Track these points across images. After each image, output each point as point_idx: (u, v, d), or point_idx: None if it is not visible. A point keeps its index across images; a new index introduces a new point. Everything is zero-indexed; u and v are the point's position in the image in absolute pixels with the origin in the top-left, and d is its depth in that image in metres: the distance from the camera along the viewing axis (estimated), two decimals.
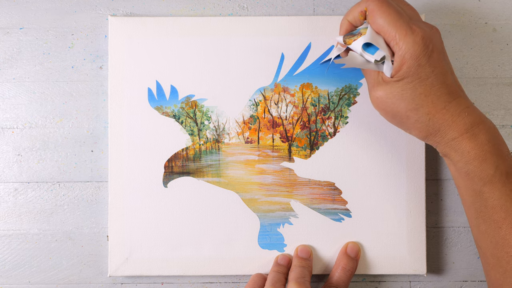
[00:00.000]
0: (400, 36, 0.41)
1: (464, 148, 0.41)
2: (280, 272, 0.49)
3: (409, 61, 0.41)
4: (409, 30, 0.41)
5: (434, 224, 0.53)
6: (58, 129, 0.53)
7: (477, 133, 0.41)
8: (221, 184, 0.52)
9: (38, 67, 0.53)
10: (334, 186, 0.52)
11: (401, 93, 0.42)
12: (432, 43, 0.41)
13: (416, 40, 0.41)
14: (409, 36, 0.41)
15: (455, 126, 0.41)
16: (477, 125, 0.41)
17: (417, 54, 0.41)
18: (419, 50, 0.41)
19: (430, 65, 0.41)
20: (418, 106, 0.41)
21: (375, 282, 0.53)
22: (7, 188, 0.52)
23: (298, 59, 0.51)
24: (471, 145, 0.41)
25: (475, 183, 0.42)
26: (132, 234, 0.51)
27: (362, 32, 0.43)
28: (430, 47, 0.41)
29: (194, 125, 0.52)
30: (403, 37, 0.41)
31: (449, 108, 0.41)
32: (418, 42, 0.40)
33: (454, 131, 0.41)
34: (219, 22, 0.52)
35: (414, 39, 0.41)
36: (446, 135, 0.42)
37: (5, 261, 0.52)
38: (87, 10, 0.53)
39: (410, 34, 0.41)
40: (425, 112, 0.41)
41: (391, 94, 0.42)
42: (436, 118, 0.41)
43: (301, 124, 0.52)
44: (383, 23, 0.42)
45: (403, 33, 0.41)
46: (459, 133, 0.41)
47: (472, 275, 0.53)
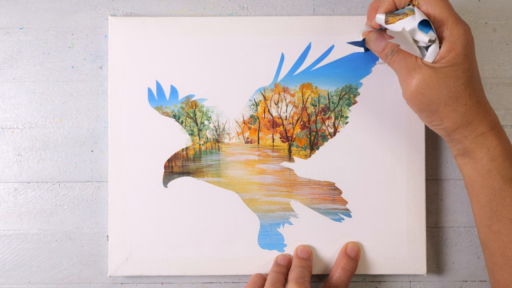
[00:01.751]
0: (453, 22, 0.41)
1: (490, 144, 0.42)
2: (279, 272, 0.49)
3: (459, 48, 0.41)
4: (460, 19, 0.42)
5: (434, 224, 0.53)
6: (58, 129, 0.53)
7: (501, 130, 0.43)
8: (221, 184, 0.52)
9: (38, 67, 0.53)
10: (334, 186, 0.52)
11: (444, 79, 0.42)
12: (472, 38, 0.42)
13: (466, 30, 0.41)
14: (461, 25, 0.41)
15: (485, 121, 0.42)
16: (498, 123, 0.43)
17: (466, 43, 0.41)
18: (467, 40, 0.41)
19: (473, 58, 0.42)
20: (458, 95, 0.42)
21: (375, 282, 0.53)
22: (7, 188, 0.52)
23: (298, 59, 0.52)
24: (497, 142, 0.42)
25: (496, 181, 0.42)
26: (132, 234, 0.51)
27: (408, 13, 0.42)
28: (471, 40, 0.42)
29: (194, 125, 0.52)
30: (456, 24, 0.41)
31: (481, 103, 0.42)
32: (468, 33, 0.42)
33: (484, 126, 0.42)
34: (219, 22, 0.52)
35: (465, 28, 0.41)
36: (476, 128, 0.42)
37: (5, 261, 0.52)
38: (87, 10, 0.53)
39: (461, 23, 0.42)
40: (463, 103, 0.42)
41: (434, 79, 0.42)
42: (471, 111, 0.42)
43: (301, 124, 0.52)
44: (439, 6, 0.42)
45: (455, 21, 0.41)
46: (488, 128, 0.42)
47: (472, 275, 0.53)
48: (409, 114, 0.51)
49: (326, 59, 0.51)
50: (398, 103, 0.51)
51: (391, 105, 0.51)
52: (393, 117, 0.51)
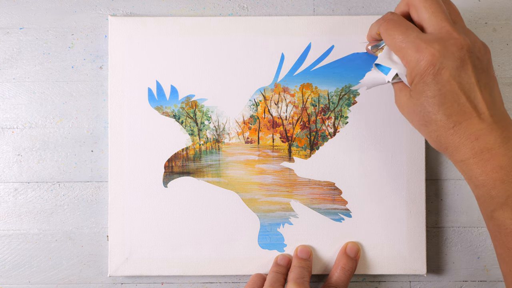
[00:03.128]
0: (406, 53, 0.40)
1: (471, 172, 0.40)
2: (279, 272, 0.49)
3: (415, 78, 0.40)
4: (414, 47, 0.40)
5: (434, 224, 0.53)
6: (58, 129, 0.53)
7: (487, 158, 0.39)
8: (221, 184, 0.52)
9: (38, 67, 0.53)
10: (334, 186, 0.52)
11: (413, 107, 0.41)
12: (441, 61, 0.39)
13: (420, 58, 0.39)
14: (414, 54, 0.40)
15: (462, 149, 0.39)
16: (488, 150, 0.39)
17: (421, 72, 0.40)
18: (422, 68, 0.39)
19: (437, 83, 0.39)
20: (427, 122, 0.40)
21: (375, 282, 0.53)
22: (7, 188, 0.52)
23: (298, 59, 0.52)
24: (479, 171, 0.39)
25: (486, 208, 0.40)
26: (132, 234, 0.51)
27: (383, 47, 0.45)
28: (437, 65, 0.39)
29: (194, 125, 0.52)
30: (408, 54, 0.40)
31: (458, 129, 0.39)
32: (422, 61, 0.39)
33: (461, 153, 0.40)
34: (219, 22, 0.52)
35: (418, 57, 0.39)
36: (453, 155, 0.40)
37: (5, 261, 0.52)
38: (87, 10, 0.53)
39: (416, 51, 0.40)
40: (434, 130, 0.40)
41: (407, 106, 0.42)
42: (443, 138, 0.40)
43: (301, 124, 0.52)
44: (392, 43, 0.42)
45: (408, 51, 0.40)
46: (465, 156, 0.39)
47: (472, 275, 0.53)
48: None
49: (326, 59, 0.51)
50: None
51: (391, 105, 0.51)
52: (393, 117, 0.51)
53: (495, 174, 0.39)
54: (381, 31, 0.43)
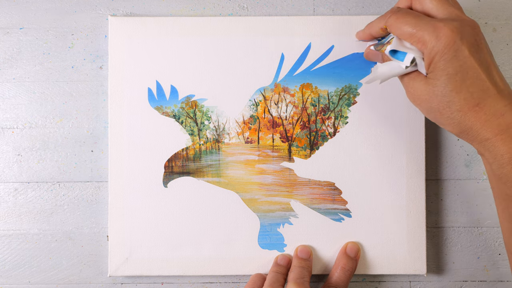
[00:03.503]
0: (423, 35, 0.40)
1: (497, 151, 0.39)
2: (279, 272, 0.49)
3: (436, 56, 0.40)
4: (431, 27, 0.40)
5: (434, 224, 0.53)
6: (58, 129, 0.53)
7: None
8: (221, 184, 0.52)
9: (38, 67, 0.53)
10: (334, 186, 0.52)
11: (432, 89, 0.41)
12: (460, 37, 0.39)
13: (439, 35, 0.39)
14: (432, 33, 0.40)
15: (488, 126, 0.39)
16: None
17: (442, 49, 0.39)
18: (443, 45, 0.39)
19: (458, 59, 0.39)
20: (449, 102, 0.40)
21: (375, 282, 0.53)
22: (7, 188, 0.52)
23: (298, 59, 0.52)
24: (505, 148, 0.38)
25: (508, 188, 0.40)
26: (132, 234, 0.51)
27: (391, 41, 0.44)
28: (457, 41, 0.39)
29: (194, 125, 0.52)
30: (426, 35, 0.40)
31: (483, 106, 0.39)
32: (442, 38, 0.39)
33: (487, 131, 0.39)
34: (219, 22, 0.52)
35: (437, 35, 0.39)
36: (479, 134, 0.40)
37: (5, 261, 0.52)
38: (87, 10, 0.53)
39: (432, 31, 0.40)
40: (457, 109, 0.40)
41: (425, 91, 0.41)
42: (468, 116, 0.39)
43: (301, 124, 0.52)
44: (406, 29, 0.41)
45: (425, 32, 0.40)
46: (492, 133, 0.39)
47: (472, 275, 0.53)
48: (409, 114, 0.51)
49: (326, 59, 0.51)
50: (398, 103, 0.51)
51: (391, 105, 0.51)
52: (393, 117, 0.51)
53: None
54: (391, 22, 0.42)
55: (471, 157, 0.53)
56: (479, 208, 0.53)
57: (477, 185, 0.53)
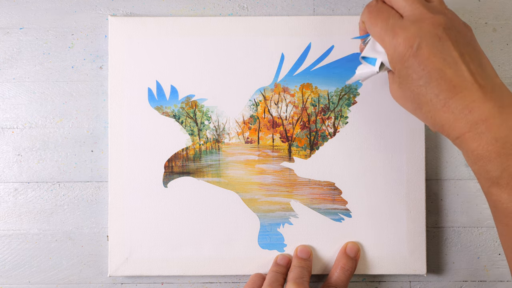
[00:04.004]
0: (386, 41, 0.41)
1: (467, 148, 0.39)
2: (278, 272, 0.49)
3: (396, 64, 0.40)
4: (391, 34, 0.40)
5: (434, 224, 0.53)
6: (58, 129, 0.53)
7: (482, 131, 0.37)
8: (221, 184, 0.52)
9: (38, 67, 0.53)
10: (334, 186, 0.52)
11: (403, 94, 0.41)
12: (418, 42, 0.39)
13: (397, 43, 0.40)
14: (392, 41, 0.40)
15: (456, 125, 0.38)
16: (483, 121, 0.37)
17: (401, 56, 0.40)
18: (401, 53, 0.40)
19: (419, 63, 0.39)
20: (419, 105, 0.40)
21: (375, 282, 0.53)
22: (7, 188, 0.52)
23: (298, 59, 0.52)
24: (474, 145, 0.38)
25: (483, 184, 0.40)
26: (132, 234, 0.51)
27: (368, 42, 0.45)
28: (414, 46, 0.39)
29: (194, 125, 0.52)
30: (387, 42, 0.41)
31: (450, 105, 0.38)
32: (399, 45, 0.39)
33: (456, 130, 0.39)
34: (219, 22, 0.52)
35: (395, 42, 0.40)
36: (450, 133, 0.40)
37: (5, 261, 0.52)
38: (87, 10, 0.53)
39: (392, 38, 0.40)
40: (427, 111, 0.40)
41: (399, 94, 0.42)
42: (437, 117, 0.39)
43: (301, 124, 0.52)
44: (374, 31, 0.42)
45: (387, 38, 0.40)
46: (460, 132, 0.38)
47: (472, 275, 0.53)
48: (409, 114, 0.51)
49: (326, 59, 0.51)
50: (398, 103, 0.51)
51: (391, 105, 0.51)
52: (393, 117, 0.51)
53: (491, 146, 0.37)
54: (365, 19, 0.43)
55: None
56: (479, 208, 0.53)
57: (477, 185, 0.53)
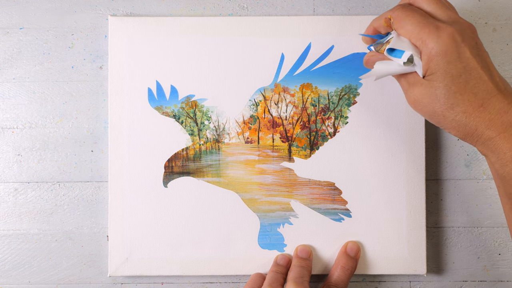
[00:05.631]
0: (425, 34, 0.40)
1: (500, 149, 0.39)
2: (278, 272, 0.49)
3: (436, 57, 0.40)
4: (433, 27, 0.40)
5: (434, 224, 0.53)
6: (58, 129, 0.53)
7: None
8: (221, 184, 0.52)
9: (38, 67, 0.53)
10: (334, 186, 0.52)
11: (434, 92, 0.41)
12: (462, 39, 0.40)
13: (441, 36, 0.40)
14: (434, 33, 0.40)
15: (492, 125, 0.39)
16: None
17: (444, 50, 0.40)
18: (446, 46, 0.40)
19: (462, 61, 0.40)
20: (453, 105, 0.40)
21: (375, 282, 0.53)
22: (7, 188, 0.52)
23: (298, 59, 0.52)
24: (508, 146, 0.39)
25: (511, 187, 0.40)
26: (132, 234, 0.51)
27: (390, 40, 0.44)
28: (459, 42, 0.40)
29: (194, 125, 0.52)
30: (427, 34, 0.40)
31: (487, 105, 0.39)
32: (444, 38, 0.40)
33: (491, 130, 0.39)
34: (219, 22, 0.52)
35: (439, 35, 0.40)
36: (483, 134, 0.40)
37: (5, 261, 0.52)
38: (87, 10, 0.53)
39: (435, 31, 0.40)
40: (461, 111, 0.40)
41: (426, 94, 0.41)
42: (473, 117, 0.40)
43: (301, 124, 0.52)
44: (409, 26, 0.41)
45: (427, 31, 0.40)
46: (496, 132, 0.39)
47: (472, 275, 0.53)
48: (409, 114, 0.51)
49: (326, 59, 0.51)
50: (398, 103, 0.51)
51: (391, 105, 0.51)
52: (393, 117, 0.51)
53: None
54: (397, 14, 0.42)
55: (471, 157, 0.53)
56: (479, 208, 0.53)
57: (477, 185, 0.53)
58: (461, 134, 0.41)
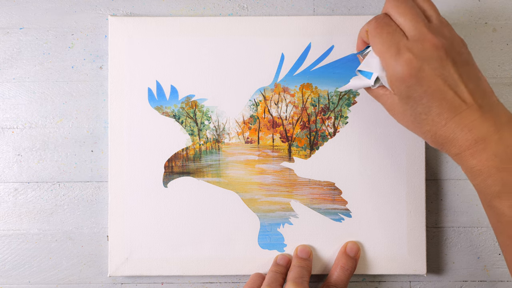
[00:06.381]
0: (387, 57, 0.41)
1: (467, 164, 0.40)
2: (278, 272, 0.49)
3: (396, 83, 0.41)
4: (394, 51, 0.40)
5: (434, 224, 0.53)
6: (58, 129, 0.53)
7: (482, 148, 0.39)
8: (221, 184, 0.52)
9: (38, 67, 0.53)
10: (334, 186, 0.52)
11: (403, 112, 0.42)
12: (421, 63, 0.40)
13: (399, 62, 0.40)
14: (393, 58, 0.40)
15: (456, 143, 0.40)
16: (482, 140, 0.39)
17: (402, 76, 0.40)
18: (403, 73, 0.40)
19: (422, 85, 0.40)
20: (420, 124, 0.41)
21: (375, 282, 0.53)
22: (7, 188, 0.52)
23: (298, 59, 0.52)
24: (474, 161, 0.40)
25: (483, 199, 0.41)
26: (132, 234, 0.51)
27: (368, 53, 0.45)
28: (417, 67, 0.40)
29: (194, 125, 0.52)
30: (389, 58, 0.41)
31: (450, 125, 0.40)
32: (402, 65, 0.40)
33: (456, 147, 0.40)
34: (219, 22, 0.52)
35: (398, 60, 0.40)
36: (449, 150, 0.41)
37: (5, 261, 0.52)
38: (87, 10, 0.53)
39: (395, 55, 0.40)
40: (427, 130, 0.41)
41: (398, 111, 0.43)
42: (437, 136, 0.41)
43: (301, 124, 0.52)
44: (378, 45, 0.42)
45: (389, 55, 0.41)
46: (460, 149, 0.40)
47: (472, 275, 0.53)
48: None
49: (326, 59, 0.51)
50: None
51: None
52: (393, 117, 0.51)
53: (490, 162, 0.39)
54: (370, 29, 0.43)
55: None
56: (479, 208, 0.53)
57: None
58: (433, 145, 0.42)
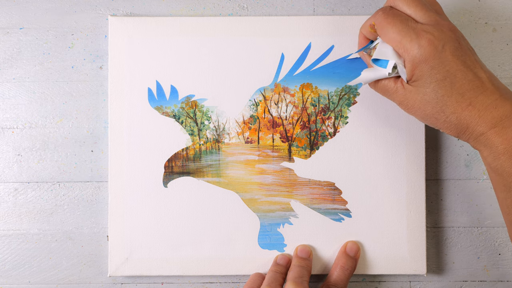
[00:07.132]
0: (407, 42, 0.41)
1: (492, 143, 0.40)
2: (278, 271, 0.49)
3: (420, 65, 0.41)
4: (414, 35, 0.41)
5: (434, 224, 0.53)
6: (58, 129, 0.53)
7: (507, 125, 0.40)
8: (221, 184, 0.52)
9: (38, 67, 0.53)
10: (334, 186, 0.52)
11: (423, 97, 0.42)
12: (443, 43, 0.41)
13: (422, 43, 0.41)
14: (415, 41, 0.41)
15: (482, 121, 0.41)
16: (507, 117, 0.40)
17: (426, 57, 0.41)
18: (427, 53, 0.41)
19: (444, 65, 0.41)
20: (443, 107, 0.41)
21: (375, 282, 0.53)
22: (7, 188, 0.52)
23: (298, 59, 0.52)
24: (500, 140, 0.40)
25: (505, 179, 0.41)
26: (132, 234, 0.51)
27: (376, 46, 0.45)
28: (439, 47, 0.41)
29: (194, 125, 0.52)
30: (409, 42, 0.41)
31: (475, 103, 0.41)
32: (425, 45, 0.41)
33: (482, 126, 0.41)
34: (219, 22, 0.52)
35: (420, 42, 0.41)
36: (474, 131, 0.41)
37: (5, 261, 0.52)
38: (87, 10, 0.53)
39: (415, 38, 0.41)
40: (451, 112, 0.41)
41: (417, 99, 0.43)
42: (463, 116, 0.41)
43: (301, 124, 0.52)
44: (391, 34, 0.42)
45: (409, 39, 0.41)
46: (487, 127, 0.40)
47: (472, 275, 0.53)
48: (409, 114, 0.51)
49: (326, 59, 0.51)
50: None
51: (391, 105, 0.51)
52: (393, 117, 0.51)
53: None
54: (379, 20, 0.43)
55: (471, 157, 0.53)
56: (479, 208, 0.53)
57: (477, 185, 0.53)
58: (455, 132, 0.43)
